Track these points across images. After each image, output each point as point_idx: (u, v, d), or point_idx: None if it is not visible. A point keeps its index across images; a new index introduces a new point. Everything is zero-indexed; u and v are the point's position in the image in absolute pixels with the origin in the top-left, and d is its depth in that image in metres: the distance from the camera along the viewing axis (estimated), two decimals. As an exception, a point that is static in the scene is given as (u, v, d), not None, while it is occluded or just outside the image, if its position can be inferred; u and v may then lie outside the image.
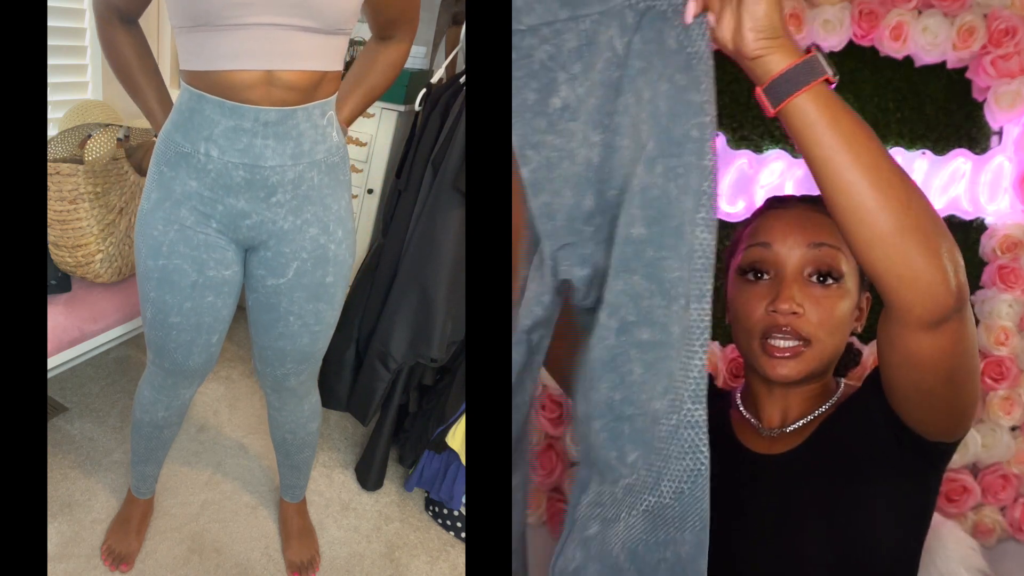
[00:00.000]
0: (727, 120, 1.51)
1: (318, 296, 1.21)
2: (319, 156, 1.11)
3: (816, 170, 0.69)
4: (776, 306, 0.86)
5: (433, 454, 1.77)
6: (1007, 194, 1.51)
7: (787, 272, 0.88)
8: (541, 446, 1.59)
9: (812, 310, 0.86)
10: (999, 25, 1.45)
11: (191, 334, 1.21)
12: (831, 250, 0.87)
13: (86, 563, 1.48)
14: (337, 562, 1.64)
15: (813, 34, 1.46)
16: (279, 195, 1.10)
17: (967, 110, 1.54)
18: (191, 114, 1.06)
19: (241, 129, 1.03)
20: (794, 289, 0.86)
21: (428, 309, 1.71)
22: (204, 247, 1.13)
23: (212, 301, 1.19)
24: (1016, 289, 1.52)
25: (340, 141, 1.16)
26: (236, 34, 0.97)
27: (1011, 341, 1.53)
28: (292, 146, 1.07)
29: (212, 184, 1.08)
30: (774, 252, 0.88)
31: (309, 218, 1.14)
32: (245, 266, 1.21)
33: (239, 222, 1.13)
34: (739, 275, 0.92)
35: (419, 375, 1.83)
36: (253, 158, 1.05)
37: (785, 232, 0.89)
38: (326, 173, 1.13)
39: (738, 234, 0.97)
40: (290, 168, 1.08)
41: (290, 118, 1.05)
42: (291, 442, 1.50)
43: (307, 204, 1.13)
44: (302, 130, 1.06)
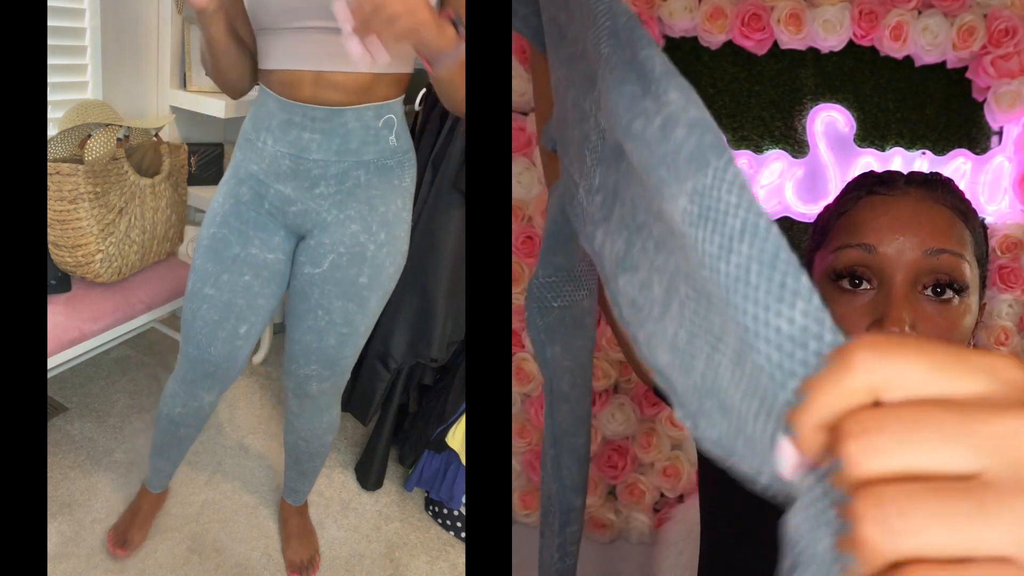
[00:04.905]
0: (727, 120, 1.51)
1: (348, 294, 1.21)
2: (368, 156, 1.14)
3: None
4: (884, 329, 0.67)
5: (433, 454, 1.77)
6: (1007, 194, 1.52)
7: (896, 284, 0.68)
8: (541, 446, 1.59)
9: (927, 333, 0.67)
10: (999, 25, 1.45)
11: (220, 313, 1.24)
12: (953, 258, 0.67)
13: (86, 563, 1.48)
14: (337, 562, 1.64)
15: (813, 34, 1.46)
16: (322, 187, 1.16)
17: (967, 110, 1.53)
18: (259, 107, 1.18)
19: (292, 123, 1.13)
20: (905, 308, 0.67)
21: (428, 309, 1.71)
22: (253, 224, 1.22)
23: (249, 281, 1.23)
24: (1016, 289, 1.52)
25: (401, 147, 1.18)
26: (292, 37, 1.08)
27: (1011, 341, 1.53)
28: (338, 143, 1.12)
29: (267, 169, 1.18)
30: (880, 257, 0.68)
31: (352, 214, 1.18)
32: (293, 257, 1.26)
33: (286, 208, 1.20)
34: (831, 280, 0.71)
35: (419, 375, 1.83)
36: (299, 149, 1.14)
37: (895, 230, 0.68)
38: (375, 174, 1.16)
39: (825, 221, 0.76)
40: (334, 163, 1.13)
41: (338, 116, 1.10)
42: (303, 449, 1.50)
43: (352, 200, 1.17)
44: (350, 128, 1.11)
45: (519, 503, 1.61)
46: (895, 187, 0.72)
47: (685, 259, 0.38)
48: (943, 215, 0.69)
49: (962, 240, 0.68)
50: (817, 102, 1.51)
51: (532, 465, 1.60)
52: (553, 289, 0.71)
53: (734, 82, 1.50)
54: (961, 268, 0.68)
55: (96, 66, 1.88)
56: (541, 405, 1.57)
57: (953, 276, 0.67)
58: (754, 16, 1.46)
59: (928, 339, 0.65)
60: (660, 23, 1.49)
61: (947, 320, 0.67)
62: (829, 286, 0.72)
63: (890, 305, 0.67)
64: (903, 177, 0.73)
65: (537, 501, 1.61)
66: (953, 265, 0.67)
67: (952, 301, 0.67)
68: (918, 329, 0.67)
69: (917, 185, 0.71)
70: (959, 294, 0.68)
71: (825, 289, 0.72)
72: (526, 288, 0.75)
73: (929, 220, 0.69)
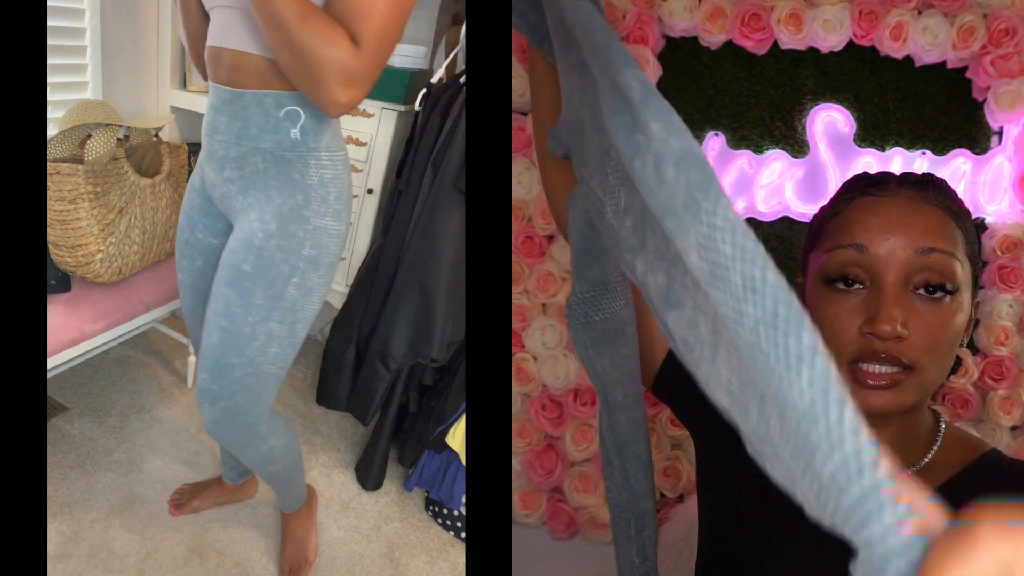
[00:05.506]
0: (727, 120, 1.51)
1: (231, 281, 1.14)
2: (265, 144, 1.10)
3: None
4: (875, 328, 0.67)
5: (433, 454, 1.77)
6: (1007, 194, 1.51)
7: (888, 284, 0.68)
8: (541, 446, 1.59)
9: (918, 331, 0.67)
10: (999, 25, 1.45)
11: (191, 298, 1.32)
12: (944, 257, 0.68)
13: (86, 563, 1.48)
14: (337, 562, 1.64)
15: (813, 34, 1.46)
16: (228, 171, 1.14)
17: (967, 110, 1.53)
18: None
19: (213, 104, 1.14)
20: (897, 307, 0.67)
21: (428, 309, 1.71)
22: (199, 210, 1.26)
23: (201, 266, 1.28)
24: (1016, 289, 1.52)
25: (305, 143, 1.10)
26: (216, 15, 1.09)
27: (1011, 341, 1.53)
28: (239, 126, 1.10)
29: (203, 154, 1.21)
30: (871, 257, 0.69)
31: (252, 202, 1.14)
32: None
33: (213, 191, 1.21)
34: (823, 281, 0.72)
35: (419, 375, 1.83)
36: (213, 131, 1.15)
37: (886, 231, 0.69)
38: (273, 164, 1.11)
39: (819, 223, 0.77)
40: (234, 146, 1.12)
41: (240, 99, 1.09)
42: (260, 475, 1.45)
43: (251, 188, 1.14)
44: (250, 114, 1.09)
45: (519, 503, 1.61)
46: (887, 188, 0.72)
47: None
48: (934, 215, 0.69)
49: (953, 239, 0.69)
50: (817, 102, 1.51)
51: (532, 465, 1.60)
52: (593, 304, 0.71)
53: (734, 82, 1.50)
54: (952, 267, 0.68)
55: (96, 66, 1.89)
56: (541, 405, 1.58)
57: (944, 275, 0.68)
58: (754, 16, 1.46)
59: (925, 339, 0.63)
60: (660, 23, 1.49)
61: (939, 318, 0.68)
62: (823, 287, 0.72)
63: (882, 304, 0.68)
64: (895, 178, 0.73)
65: (537, 501, 1.61)
66: (944, 264, 0.68)
67: (944, 300, 0.68)
68: (910, 327, 0.67)
69: (908, 186, 0.72)
70: (951, 293, 0.68)
71: (819, 290, 0.73)
72: (524, 288, 0.75)
73: (920, 220, 0.69)
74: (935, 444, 0.75)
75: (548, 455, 1.58)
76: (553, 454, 1.58)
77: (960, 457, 0.74)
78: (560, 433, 1.57)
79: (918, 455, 0.75)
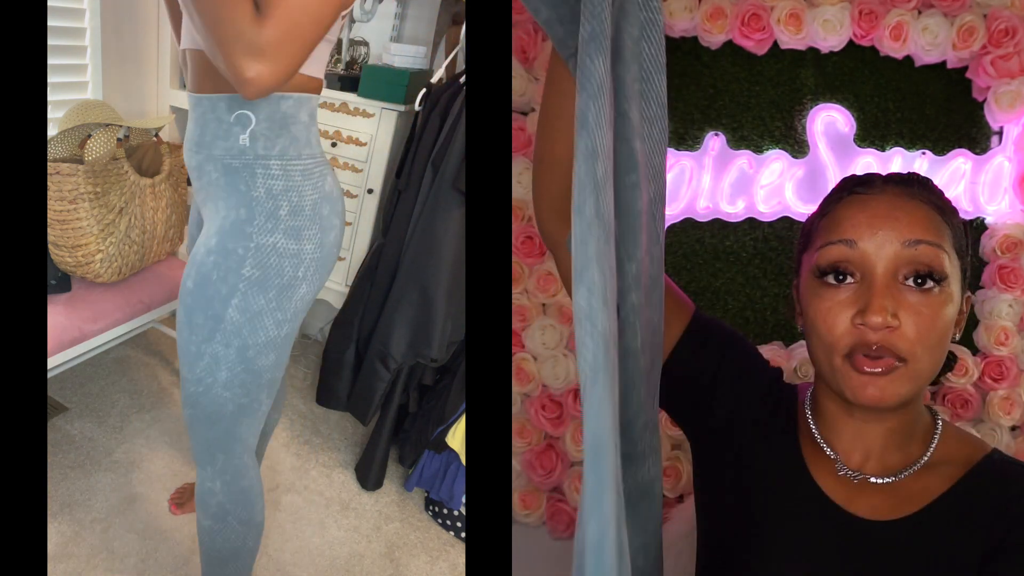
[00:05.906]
0: (727, 120, 1.51)
1: (180, 297, 1.07)
2: (216, 152, 1.02)
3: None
4: (866, 319, 0.70)
5: (433, 454, 1.77)
6: (1007, 194, 1.51)
7: (877, 276, 0.71)
8: (541, 446, 1.59)
9: (909, 321, 0.70)
10: (999, 25, 1.45)
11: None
12: (931, 248, 0.70)
13: (86, 563, 1.48)
14: (337, 562, 1.64)
15: (813, 34, 1.46)
16: (194, 180, 1.09)
17: (967, 110, 1.53)
18: None
19: (189, 112, 1.09)
20: (887, 297, 0.70)
21: (428, 309, 1.71)
22: (195, 224, 1.23)
23: None
24: (1016, 289, 1.52)
25: (253, 149, 1.00)
26: (186, 18, 1.03)
27: (1011, 341, 1.53)
28: (198, 133, 1.03)
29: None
30: (860, 251, 0.72)
31: (208, 214, 1.07)
32: None
33: (196, 202, 1.17)
34: (816, 277, 0.75)
35: (419, 375, 1.83)
36: (185, 139, 1.10)
37: (873, 225, 0.72)
38: (223, 173, 1.02)
39: (811, 223, 0.80)
40: (194, 155, 1.05)
41: (198, 105, 1.03)
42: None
43: (208, 200, 1.06)
44: (207, 120, 1.02)
45: (519, 503, 1.61)
46: (873, 186, 0.75)
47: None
48: (920, 209, 0.72)
49: (940, 232, 0.71)
50: (817, 102, 1.50)
51: (532, 465, 1.60)
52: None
53: (734, 82, 1.50)
54: (939, 257, 0.71)
55: (96, 66, 1.89)
56: (541, 405, 1.58)
57: (932, 265, 0.70)
58: (754, 16, 1.46)
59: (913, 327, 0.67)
60: (660, 23, 1.49)
61: (929, 309, 0.70)
62: (815, 283, 0.75)
63: (872, 295, 0.70)
64: (881, 178, 0.76)
65: (537, 501, 1.61)
66: (932, 255, 0.70)
67: (933, 290, 0.70)
68: (900, 318, 0.70)
69: (894, 184, 0.75)
70: (939, 283, 0.71)
71: (812, 286, 0.75)
72: (524, 288, 0.75)
73: (906, 214, 0.72)
74: (933, 441, 0.76)
75: (548, 455, 1.58)
76: (553, 454, 1.58)
77: (962, 457, 0.74)
78: (560, 433, 1.57)
79: (917, 452, 0.76)
